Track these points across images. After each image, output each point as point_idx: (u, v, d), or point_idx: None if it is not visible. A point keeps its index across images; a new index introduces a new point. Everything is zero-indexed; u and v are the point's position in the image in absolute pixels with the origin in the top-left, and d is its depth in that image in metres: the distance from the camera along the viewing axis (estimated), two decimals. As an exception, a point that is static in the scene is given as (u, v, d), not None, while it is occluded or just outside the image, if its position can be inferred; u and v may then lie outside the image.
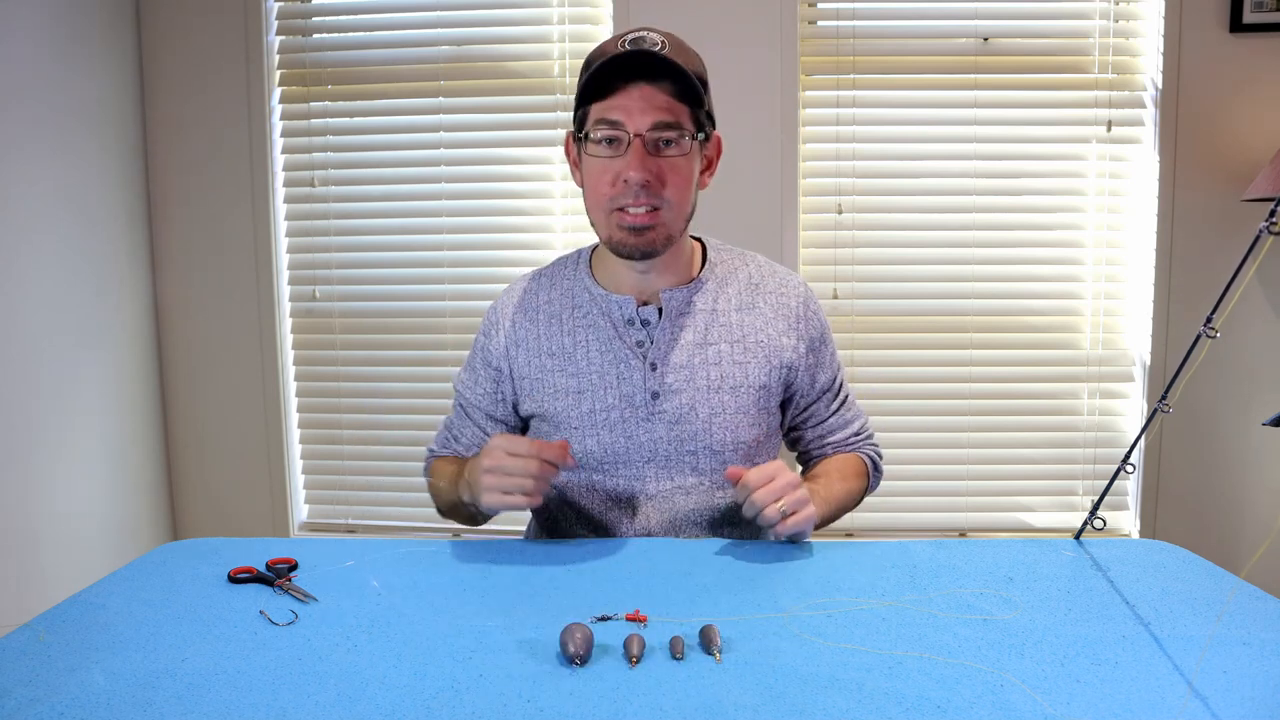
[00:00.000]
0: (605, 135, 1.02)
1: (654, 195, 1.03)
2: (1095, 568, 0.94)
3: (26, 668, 0.72)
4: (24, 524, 1.87)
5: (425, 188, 2.22)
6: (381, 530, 2.31)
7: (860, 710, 0.65)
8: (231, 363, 2.27)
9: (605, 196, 1.05)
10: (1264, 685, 0.68)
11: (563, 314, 1.14)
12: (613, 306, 1.11)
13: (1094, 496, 2.09)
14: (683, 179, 1.05)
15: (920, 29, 2.10)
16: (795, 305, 1.15)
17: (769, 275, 1.17)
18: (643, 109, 1.00)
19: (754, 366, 1.12)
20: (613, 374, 1.10)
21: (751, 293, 1.15)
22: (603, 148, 1.03)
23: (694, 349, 1.11)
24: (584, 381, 1.11)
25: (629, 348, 1.10)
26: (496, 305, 1.20)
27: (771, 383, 1.13)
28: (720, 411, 1.10)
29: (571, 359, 1.12)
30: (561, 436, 1.12)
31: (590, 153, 1.04)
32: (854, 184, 2.11)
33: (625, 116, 1.01)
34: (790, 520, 0.97)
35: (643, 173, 1.01)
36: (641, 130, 1.01)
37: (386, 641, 0.77)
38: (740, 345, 1.12)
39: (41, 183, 1.91)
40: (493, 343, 1.17)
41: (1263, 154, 1.99)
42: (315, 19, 2.19)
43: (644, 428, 1.10)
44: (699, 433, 1.10)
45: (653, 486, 1.11)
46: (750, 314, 1.13)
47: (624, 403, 1.10)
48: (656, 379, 1.10)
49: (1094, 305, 2.12)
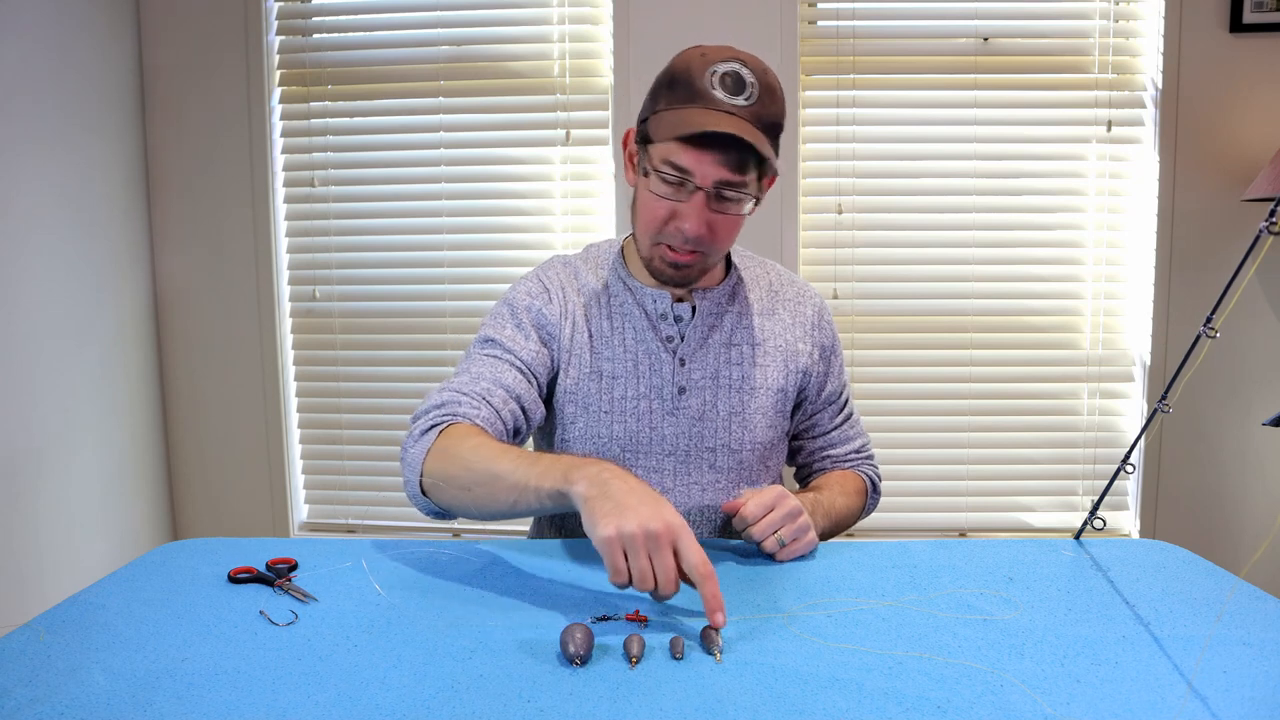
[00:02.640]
0: (672, 179, 1.01)
1: (702, 244, 1.03)
2: (1095, 568, 0.94)
3: (26, 668, 0.71)
4: (24, 524, 1.87)
5: (425, 188, 2.22)
6: (381, 530, 2.31)
7: (860, 710, 0.64)
8: (231, 363, 2.27)
9: (654, 228, 1.04)
10: (1264, 685, 0.68)
11: (601, 298, 1.14)
12: (647, 299, 1.12)
13: (1094, 496, 2.09)
14: (732, 229, 1.05)
15: (920, 29, 2.10)
16: (811, 314, 1.19)
17: (788, 283, 1.21)
18: (715, 163, 0.98)
19: (773, 370, 1.14)
20: (645, 364, 1.11)
21: (772, 299, 1.18)
22: (665, 186, 1.02)
23: (720, 349, 1.13)
24: (619, 366, 1.12)
25: (660, 341, 1.12)
26: (542, 275, 1.17)
27: (788, 386, 1.16)
28: (740, 411, 1.12)
29: (609, 342, 1.12)
30: (587, 420, 1.12)
31: (651, 187, 1.03)
32: (854, 184, 2.11)
33: (696, 167, 0.99)
34: (790, 549, 0.97)
35: (700, 227, 1.01)
36: (707, 185, 1.00)
37: (386, 641, 0.77)
38: (761, 348, 1.14)
39: (41, 182, 1.91)
40: (547, 308, 1.13)
41: (1263, 154, 1.99)
42: (315, 19, 2.19)
43: (668, 421, 1.11)
44: (719, 430, 1.12)
45: (670, 481, 1.12)
46: (771, 319, 1.17)
47: (652, 394, 1.11)
48: (684, 375, 1.11)
49: (1094, 305, 2.12)
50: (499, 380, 1.06)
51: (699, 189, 1.00)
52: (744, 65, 0.99)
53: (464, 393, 1.04)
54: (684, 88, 0.99)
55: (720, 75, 0.98)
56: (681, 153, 0.98)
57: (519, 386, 1.07)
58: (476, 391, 1.04)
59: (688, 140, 0.97)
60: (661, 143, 1.00)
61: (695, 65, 0.99)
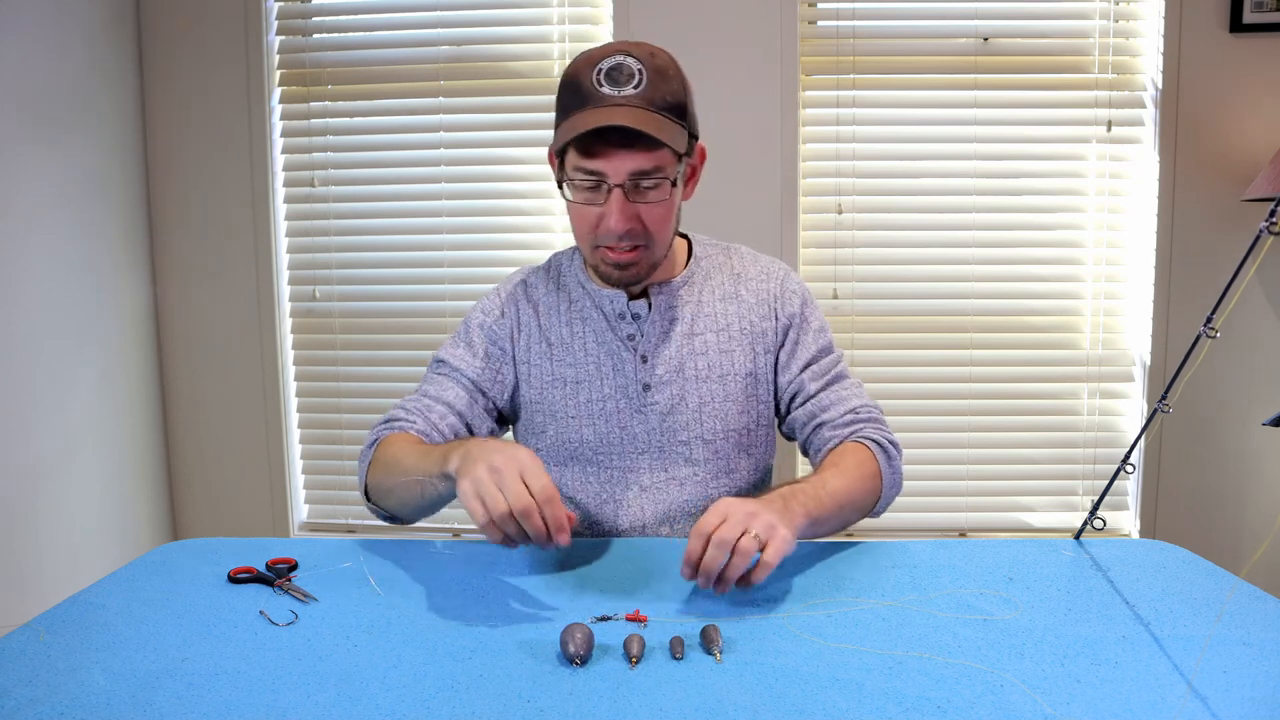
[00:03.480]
0: (585, 183, 1.02)
1: (635, 236, 1.04)
2: (1095, 568, 0.94)
3: (26, 668, 0.72)
4: (24, 524, 1.87)
5: (425, 188, 2.22)
6: (381, 530, 2.30)
7: (860, 710, 0.65)
8: (231, 363, 2.27)
9: (588, 234, 1.06)
10: (1264, 685, 0.68)
11: (560, 305, 1.16)
12: (604, 301, 1.14)
13: (1094, 496, 2.09)
14: (663, 216, 1.05)
15: (920, 29, 2.09)
16: (773, 288, 1.17)
17: (750, 264, 1.20)
18: (621, 158, 0.99)
19: (740, 354, 1.14)
20: (608, 365, 1.13)
21: (735, 283, 1.17)
22: (583, 193, 1.03)
23: (682, 340, 1.13)
24: (581, 371, 1.13)
25: (620, 340, 1.13)
26: (499, 291, 1.20)
27: (759, 369, 1.15)
28: (709, 400, 1.13)
29: (570, 349, 1.14)
30: (558, 427, 1.14)
31: (571, 197, 1.05)
32: (854, 184, 2.11)
33: (604, 167, 1.00)
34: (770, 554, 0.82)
35: (624, 222, 1.02)
36: (621, 180, 1.00)
37: (386, 641, 0.77)
38: (725, 334, 1.14)
39: (41, 182, 1.91)
40: (498, 324, 1.17)
41: (1263, 154, 1.99)
42: (315, 19, 2.19)
43: (637, 419, 1.12)
44: (690, 422, 1.12)
45: (647, 478, 1.13)
46: (734, 303, 1.16)
47: (618, 394, 1.12)
48: (647, 371, 1.12)
49: (1094, 305, 2.12)
50: (440, 397, 1.13)
51: (615, 186, 1.00)
52: (628, 55, 1.00)
53: (406, 409, 1.13)
54: (573, 93, 1.01)
55: (604, 71, 0.99)
56: (584, 158, 1.00)
57: (459, 402, 1.13)
58: (418, 408, 1.13)
59: (583, 141, 0.99)
60: (569, 152, 1.02)
61: (581, 68, 1.01)
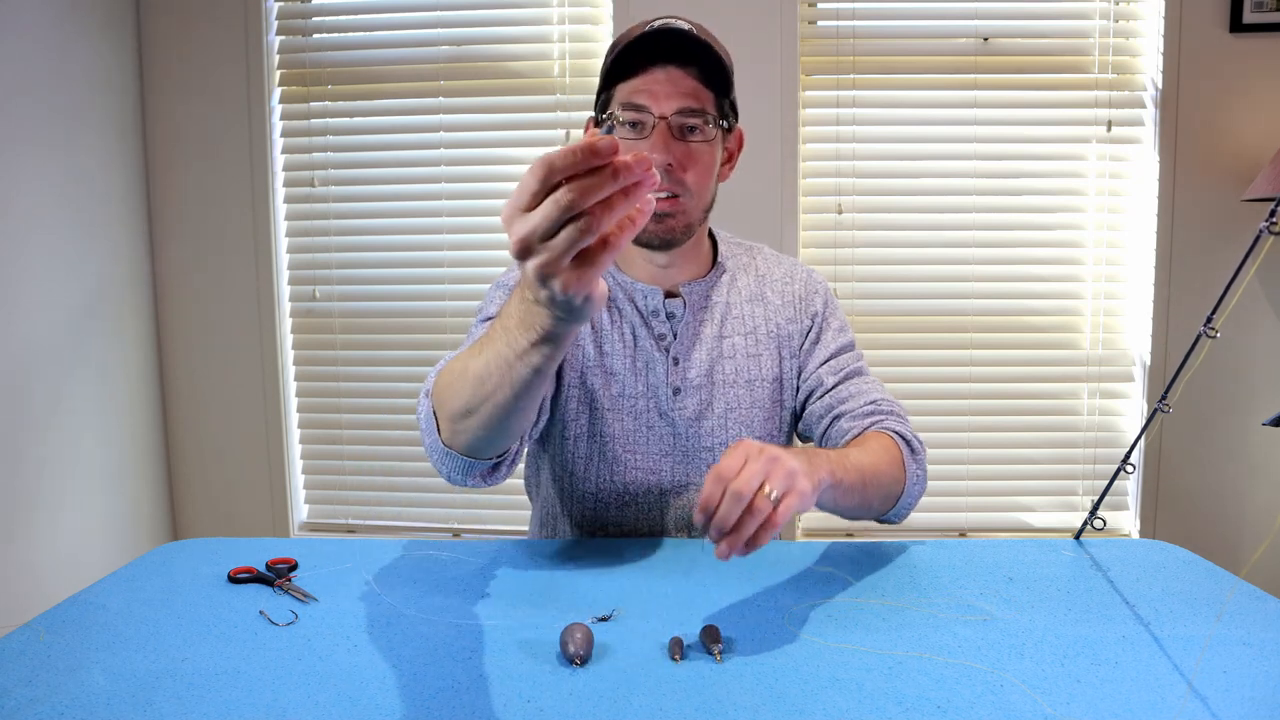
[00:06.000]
0: (630, 119, 1.01)
1: (675, 181, 1.01)
2: (1095, 568, 0.94)
3: (26, 668, 0.71)
4: (24, 524, 1.87)
5: (425, 188, 2.21)
6: (381, 530, 2.30)
7: (860, 710, 0.64)
8: (231, 363, 2.27)
9: None
10: (1264, 685, 0.68)
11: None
12: (638, 295, 1.11)
13: (1094, 496, 2.09)
14: (705, 166, 1.03)
15: (920, 29, 2.09)
16: (797, 289, 1.17)
17: (775, 265, 1.19)
18: (669, 93, 0.99)
19: (766, 358, 1.13)
20: (641, 361, 1.10)
21: (760, 284, 1.16)
22: (627, 130, 1.01)
23: (712, 343, 1.11)
24: (617, 362, 1.10)
25: (652, 339, 1.10)
26: None
27: (784, 374, 1.14)
28: (736, 406, 1.11)
29: (609, 338, 1.11)
30: (590, 416, 1.10)
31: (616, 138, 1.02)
32: (854, 184, 2.11)
33: (651, 100, 0.99)
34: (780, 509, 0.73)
35: (666, 155, 0.99)
36: (667, 113, 0.99)
37: (386, 641, 0.76)
38: (753, 337, 1.13)
39: (41, 182, 1.91)
40: None
41: (1263, 154, 1.99)
42: (315, 19, 2.19)
43: (663, 421, 1.10)
44: (715, 429, 1.11)
45: (668, 480, 1.11)
46: (760, 305, 1.14)
47: (649, 393, 1.10)
48: (678, 374, 1.10)
49: (1094, 305, 2.12)
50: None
51: (661, 119, 0.99)
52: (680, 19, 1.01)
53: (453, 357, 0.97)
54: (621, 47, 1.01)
55: (653, 23, 1.00)
56: (632, 92, 1.00)
57: None
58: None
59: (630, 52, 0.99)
60: (612, 94, 1.02)
61: (631, 27, 1.02)
